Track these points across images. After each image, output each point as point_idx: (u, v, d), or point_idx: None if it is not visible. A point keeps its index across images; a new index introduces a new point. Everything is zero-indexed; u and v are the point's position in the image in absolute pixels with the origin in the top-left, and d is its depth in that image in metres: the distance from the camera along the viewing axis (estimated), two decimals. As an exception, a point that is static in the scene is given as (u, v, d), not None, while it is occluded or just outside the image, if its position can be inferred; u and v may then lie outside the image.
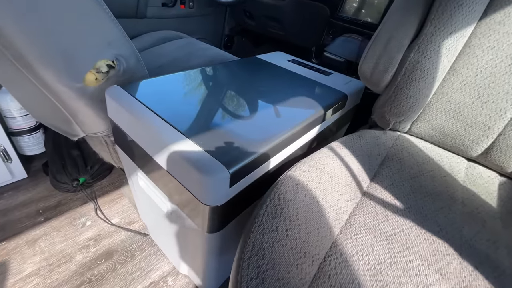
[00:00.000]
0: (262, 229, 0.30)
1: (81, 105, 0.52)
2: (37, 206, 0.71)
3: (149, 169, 0.46)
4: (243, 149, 0.37)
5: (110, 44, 0.52)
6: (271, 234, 0.29)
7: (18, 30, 0.41)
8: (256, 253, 0.28)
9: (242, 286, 0.26)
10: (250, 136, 0.41)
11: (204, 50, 0.94)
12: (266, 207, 0.33)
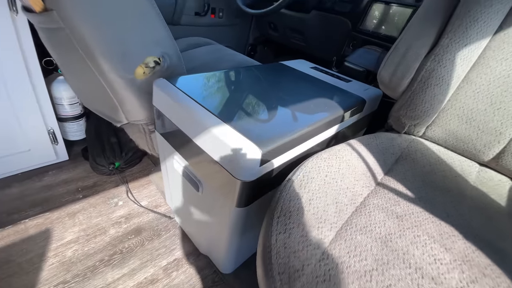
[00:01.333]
0: (289, 197, 0.35)
1: (129, 95, 0.60)
2: (76, 185, 0.79)
3: (187, 151, 0.52)
4: (273, 136, 0.43)
5: (158, 43, 0.60)
6: (296, 201, 0.34)
7: (89, 28, 0.50)
8: (284, 214, 0.33)
9: (272, 238, 0.31)
10: (278, 126, 0.46)
11: (232, 55, 1.02)
12: (292, 181, 0.38)
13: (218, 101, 0.51)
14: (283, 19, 1.23)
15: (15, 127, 0.73)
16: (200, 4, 1.25)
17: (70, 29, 0.49)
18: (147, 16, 0.56)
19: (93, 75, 0.58)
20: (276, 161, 0.45)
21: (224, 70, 0.70)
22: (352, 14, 1.01)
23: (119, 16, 0.51)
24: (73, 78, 0.70)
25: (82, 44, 0.51)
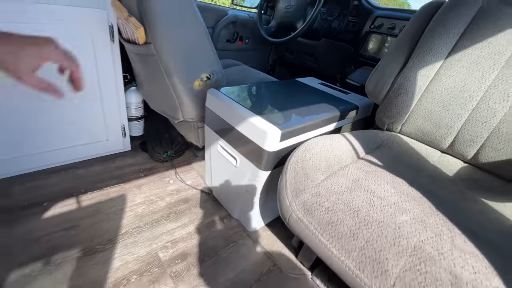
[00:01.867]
0: (296, 157, 0.58)
1: (187, 99, 0.86)
2: (139, 167, 1.05)
3: (230, 136, 0.77)
4: (289, 123, 0.66)
5: (210, 64, 0.86)
6: (302, 158, 0.57)
7: (172, 56, 0.77)
8: (294, 163, 0.55)
9: (287, 174, 0.53)
10: (292, 118, 0.70)
11: (255, 73, 1.28)
12: (299, 148, 0.61)
13: (251, 102, 0.76)
14: (298, 45, 1.50)
15: (101, 122, 1.01)
16: (231, 33, 1.55)
17: (159, 56, 0.76)
18: (205, 46, 0.83)
19: (166, 85, 0.84)
20: (290, 141, 0.68)
21: (252, 84, 0.95)
22: (354, 42, 1.26)
23: (190, 48, 0.78)
24: (147, 87, 0.98)
25: (165, 65, 0.78)
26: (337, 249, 0.44)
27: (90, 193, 0.89)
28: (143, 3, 0.69)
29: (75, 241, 0.72)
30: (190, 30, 0.78)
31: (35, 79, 0.32)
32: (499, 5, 0.65)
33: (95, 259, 0.69)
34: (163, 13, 0.71)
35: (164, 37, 0.74)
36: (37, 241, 0.71)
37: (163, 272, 0.69)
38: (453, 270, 0.38)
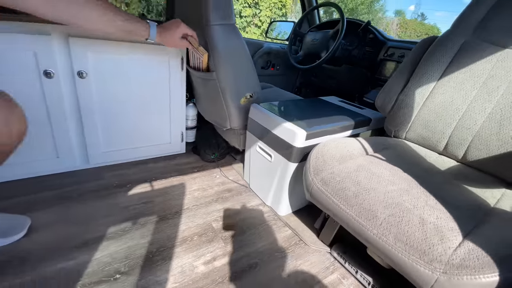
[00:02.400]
0: (317, 149, 0.80)
1: (235, 112, 1.14)
2: (192, 165, 1.33)
3: (267, 138, 1.01)
4: (312, 127, 0.90)
5: (253, 86, 1.14)
6: (321, 150, 0.79)
7: (228, 80, 1.06)
8: (315, 154, 0.78)
9: (310, 160, 0.76)
10: (315, 124, 0.93)
11: (285, 94, 1.55)
12: (319, 144, 0.83)
13: (284, 113, 1.01)
14: (322, 70, 1.76)
15: (167, 128, 1.32)
16: (265, 61, 1.87)
17: (218, 80, 1.06)
18: (250, 73, 1.11)
19: (220, 101, 1.13)
20: (313, 141, 0.91)
21: (284, 101, 1.21)
22: (371, 67, 1.49)
23: (239, 74, 1.07)
24: (204, 103, 1.29)
25: (222, 87, 1.07)
26: (343, 205, 0.65)
27: (159, 180, 1.17)
28: (210, 42, 1.00)
29: (152, 211, 0.99)
30: (241, 61, 1.07)
31: None
32: (477, 40, 0.85)
33: (167, 223, 0.94)
34: (223, 49, 1.01)
35: (223, 66, 1.04)
36: (126, 209, 0.99)
37: (215, 235, 0.92)
38: (422, 216, 0.57)
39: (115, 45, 1.03)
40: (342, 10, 1.42)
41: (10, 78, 0.89)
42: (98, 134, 1.14)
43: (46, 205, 0.94)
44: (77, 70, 0.99)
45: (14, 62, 0.89)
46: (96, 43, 0.99)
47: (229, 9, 0.99)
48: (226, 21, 1.00)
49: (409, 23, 13.63)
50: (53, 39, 0.92)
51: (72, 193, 1.02)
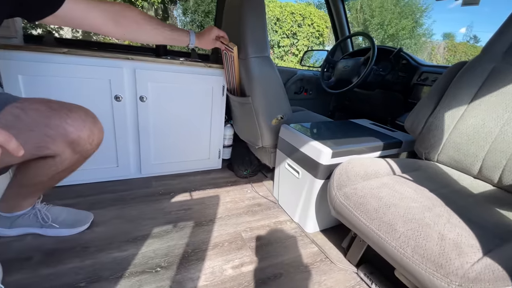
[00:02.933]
0: (342, 165, 0.85)
1: (267, 132, 1.25)
2: (226, 180, 1.45)
3: (295, 156, 1.09)
4: (338, 146, 0.96)
5: (283, 109, 1.25)
6: (345, 166, 0.84)
7: (262, 104, 1.18)
8: (339, 170, 0.83)
9: (335, 175, 0.81)
10: (342, 144, 0.99)
11: (316, 116, 1.62)
12: (344, 162, 0.88)
13: (313, 133, 1.09)
14: (355, 94, 1.81)
15: (207, 145, 1.48)
16: (298, 87, 1.99)
17: (253, 104, 1.19)
18: (281, 96, 1.23)
19: (254, 122, 1.25)
20: (339, 159, 0.96)
21: (314, 122, 1.29)
22: (404, 91, 1.51)
23: (272, 98, 1.19)
24: (240, 123, 1.43)
25: (256, 110, 1.20)
26: (364, 219, 0.68)
27: (197, 191, 1.30)
28: (248, 71, 1.15)
29: (190, 217, 1.11)
30: (273, 87, 1.19)
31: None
32: (507, 65, 0.86)
33: (202, 229, 1.05)
34: (258, 77, 1.15)
35: (257, 92, 1.17)
36: (169, 213, 1.12)
37: (244, 244, 0.99)
38: (442, 232, 0.58)
39: (170, 76, 1.25)
40: (372, 39, 1.49)
41: (91, 99, 1.13)
42: (150, 148, 1.33)
43: (106, 205, 1.12)
44: (139, 95, 1.21)
45: (95, 88, 1.13)
46: (155, 74, 1.21)
47: (264, 44, 1.14)
48: (261, 54, 1.15)
49: (459, 46, 12.90)
50: (123, 70, 1.16)
51: (126, 197, 1.20)
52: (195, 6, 5.41)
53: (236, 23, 1.12)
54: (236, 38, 1.14)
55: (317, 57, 2.23)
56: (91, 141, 0.75)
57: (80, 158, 0.77)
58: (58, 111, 0.68)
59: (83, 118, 0.72)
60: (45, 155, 0.70)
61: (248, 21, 1.08)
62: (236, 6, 1.11)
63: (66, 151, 0.71)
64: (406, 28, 9.87)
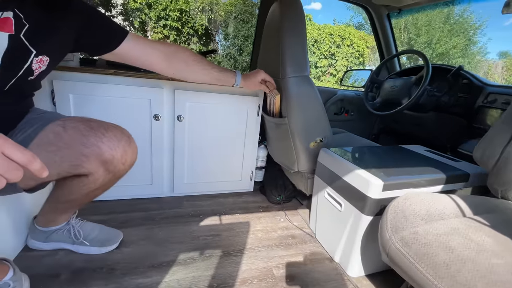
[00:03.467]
0: (397, 202, 0.71)
1: (304, 155, 1.15)
2: (258, 204, 1.36)
3: (337, 185, 0.97)
4: (391, 177, 0.82)
5: (323, 130, 1.15)
6: (402, 204, 0.70)
7: (299, 125, 1.10)
8: (394, 208, 0.69)
9: (387, 214, 0.67)
10: (395, 174, 0.85)
11: (359, 140, 1.48)
12: (399, 197, 0.74)
13: (358, 160, 0.96)
14: (405, 116, 1.63)
15: (239, 166, 1.42)
16: (338, 108, 1.87)
17: (290, 125, 1.11)
18: (321, 118, 1.13)
19: (290, 144, 1.17)
20: (392, 192, 0.82)
21: (358, 146, 1.16)
22: (466, 115, 1.30)
23: (310, 119, 1.11)
24: (274, 145, 1.36)
25: (292, 131, 1.12)
26: (431, 275, 0.54)
27: (227, 215, 1.23)
28: (285, 91, 1.09)
29: (218, 244, 1.03)
30: (312, 107, 1.11)
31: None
32: None
33: (230, 260, 0.96)
34: (297, 99, 1.08)
35: (295, 112, 1.10)
36: (197, 238, 1.06)
37: (275, 284, 0.87)
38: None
39: (207, 96, 1.24)
40: (426, 57, 1.34)
41: (132, 117, 1.17)
42: (184, 168, 1.32)
43: (136, 224, 1.11)
44: (177, 114, 1.22)
45: (136, 107, 1.16)
46: (194, 94, 1.22)
47: (304, 63, 1.08)
48: (300, 73, 1.08)
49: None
50: (164, 91, 1.18)
51: (156, 216, 1.17)
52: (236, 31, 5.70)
53: (276, 44, 1.08)
54: (275, 60, 1.10)
55: (356, 76, 2.11)
56: (124, 161, 0.73)
57: (112, 178, 0.76)
58: (95, 130, 0.68)
59: (118, 138, 0.71)
60: (79, 174, 0.70)
61: (288, 40, 1.04)
62: (275, 27, 1.08)
63: (99, 170, 0.71)
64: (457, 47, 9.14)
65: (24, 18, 0.57)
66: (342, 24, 7.11)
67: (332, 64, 6.83)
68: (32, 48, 0.59)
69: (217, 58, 6.02)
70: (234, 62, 5.93)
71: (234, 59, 5.89)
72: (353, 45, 6.79)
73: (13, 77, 0.58)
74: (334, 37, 6.66)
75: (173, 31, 5.25)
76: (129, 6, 5.18)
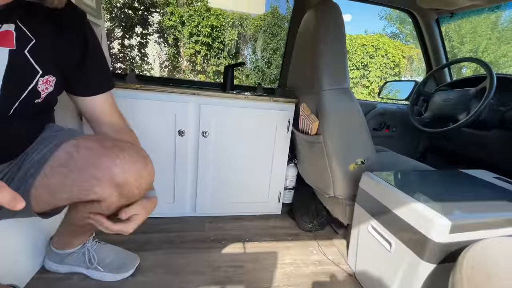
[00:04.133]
0: (473, 253, 0.54)
1: (341, 179, 0.99)
2: (287, 231, 1.21)
3: (384, 218, 0.80)
4: (460, 215, 0.64)
5: (365, 150, 0.99)
6: (481, 256, 0.52)
7: (336, 143, 0.96)
8: (471, 262, 0.52)
9: (461, 270, 0.50)
10: (464, 211, 0.66)
11: (406, 160, 1.28)
12: (475, 245, 0.56)
13: (412, 189, 0.79)
14: (460, 134, 1.40)
15: (267, 186, 1.30)
16: (378, 122, 1.68)
17: (325, 144, 0.98)
18: (363, 136, 0.98)
19: (324, 166, 1.03)
20: (462, 235, 0.63)
21: (410, 170, 0.98)
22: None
23: (350, 138, 0.96)
24: (306, 165, 1.22)
25: (328, 151, 0.98)
26: None
27: (251, 242, 1.11)
28: (320, 107, 0.96)
29: (241, 279, 0.91)
30: (352, 124, 0.97)
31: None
32: None
33: (254, 300, 0.83)
34: (334, 114, 0.95)
35: (332, 130, 0.96)
36: (217, 269, 0.94)
37: (308, 338, 0.72)
38: None
39: (233, 111, 1.16)
40: (489, 65, 1.14)
41: (156, 133, 1.12)
42: (207, 186, 1.23)
43: (154, 247, 1.02)
44: (202, 130, 1.15)
45: (161, 122, 1.11)
46: (220, 109, 1.14)
47: (343, 74, 0.96)
48: (339, 85, 0.96)
49: None
50: (189, 105, 1.12)
51: (175, 239, 1.09)
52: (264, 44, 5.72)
53: (310, 54, 0.97)
54: (309, 71, 0.99)
55: (395, 87, 1.90)
56: (139, 184, 0.65)
57: (126, 204, 0.69)
58: (109, 150, 0.61)
59: (133, 159, 0.63)
60: (91, 200, 0.64)
61: (325, 47, 0.92)
62: (310, 35, 0.98)
63: (112, 194, 0.63)
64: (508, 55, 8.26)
65: (29, 31, 0.51)
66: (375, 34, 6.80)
67: (365, 75, 6.52)
68: (38, 67, 0.53)
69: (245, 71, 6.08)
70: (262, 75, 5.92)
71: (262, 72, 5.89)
72: (387, 55, 6.43)
73: (16, 100, 0.52)
74: (367, 48, 6.38)
75: (204, 46, 5.41)
76: (164, 24, 5.47)
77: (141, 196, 0.69)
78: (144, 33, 5.64)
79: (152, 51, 5.87)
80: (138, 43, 5.71)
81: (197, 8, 5.39)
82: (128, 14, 5.41)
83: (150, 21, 5.62)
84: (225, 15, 5.51)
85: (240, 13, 5.69)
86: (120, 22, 5.43)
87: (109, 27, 5.39)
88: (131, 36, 5.62)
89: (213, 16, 5.44)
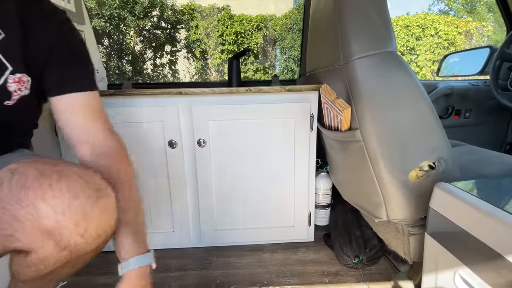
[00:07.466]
0: None
1: (398, 194, 0.63)
2: (322, 268, 0.87)
3: (487, 267, 0.43)
4: None
5: (435, 148, 0.62)
6: None
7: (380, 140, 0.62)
8: None
9: None
10: None
11: (497, 157, 0.84)
12: None
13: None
14: None
15: (291, 206, 0.98)
16: (442, 108, 1.24)
17: (365, 141, 0.64)
18: (430, 127, 0.61)
19: (368, 175, 0.68)
20: None
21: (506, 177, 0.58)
22: None
23: (408, 131, 0.61)
24: (341, 175, 0.88)
25: (371, 152, 0.63)
26: None
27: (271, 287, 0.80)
28: (351, 84, 0.63)
29: None
30: (411, 110, 0.61)
31: None
32: None
33: None
34: (376, 94, 0.61)
35: (375, 120, 0.62)
36: (219, 335, 0.66)
37: None
38: None
39: (235, 110, 0.89)
40: None
41: (141, 147, 0.90)
42: (213, 208, 0.97)
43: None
44: (197, 138, 0.90)
45: (146, 132, 0.90)
46: (217, 108, 0.89)
47: (384, 32, 0.61)
48: (378, 49, 0.61)
49: None
50: (178, 108, 0.89)
51: (173, 282, 0.84)
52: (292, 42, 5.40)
53: (330, 23, 0.68)
54: (331, 41, 0.68)
55: (454, 62, 1.42)
56: (82, 231, 0.42)
57: (73, 257, 0.45)
58: (43, 178, 0.40)
59: (74, 193, 0.41)
60: (17, 249, 0.43)
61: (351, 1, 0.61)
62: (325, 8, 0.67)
63: (45, 245, 0.42)
64: None
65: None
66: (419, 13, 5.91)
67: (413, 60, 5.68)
68: (8, 63, 0.47)
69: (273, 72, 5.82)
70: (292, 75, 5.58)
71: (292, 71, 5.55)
72: (438, 34, 5.51)
73: None
74: (411, 29, 5.57)
75: (230, 54, 5.34)
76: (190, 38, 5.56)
77: (92, 249, 0.46)
78: (173, 50, 5.80)
79: (182, 66, 6.00)
80: (169, 61, 5.89)
81: (220, 17, 5.35)
82: (156, 34, 5.63)
83: (177, 38, 5.77)
84: (248, 20, 5.36)
85: (265, 15, 5.49)
86: (150, 43, 5.69)
87: (141, 49, 5.69)
88: (162, 55, 5.83)
89: (237, 22, 5.33)
